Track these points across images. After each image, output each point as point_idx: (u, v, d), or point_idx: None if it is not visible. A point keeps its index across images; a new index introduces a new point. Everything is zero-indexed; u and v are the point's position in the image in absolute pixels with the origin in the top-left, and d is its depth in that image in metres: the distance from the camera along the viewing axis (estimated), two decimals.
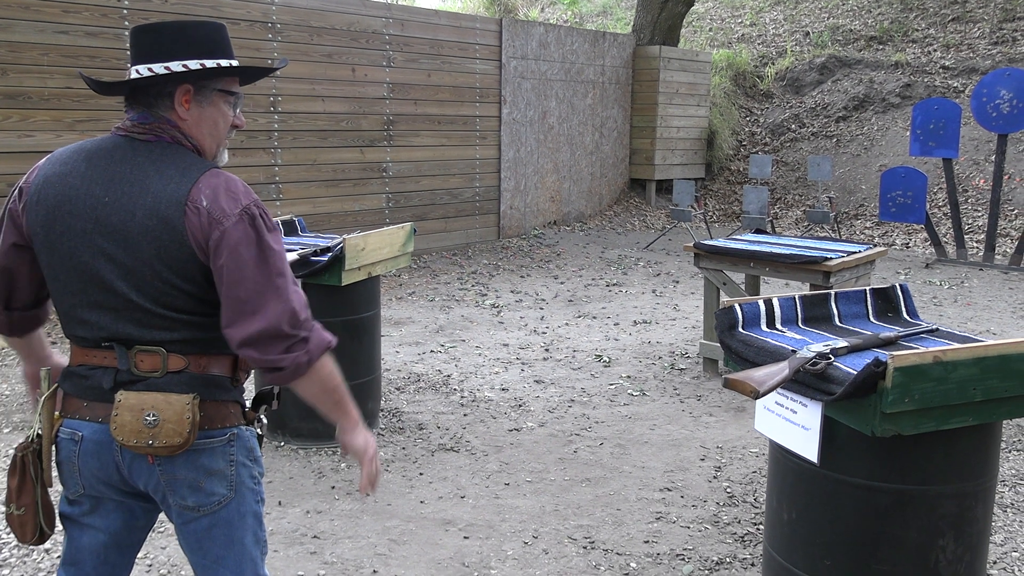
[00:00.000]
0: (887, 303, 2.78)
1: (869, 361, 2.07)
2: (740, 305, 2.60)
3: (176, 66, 1.73)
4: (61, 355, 1.93)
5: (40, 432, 1.80)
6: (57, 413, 1.80)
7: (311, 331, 1.71)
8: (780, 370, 2.20)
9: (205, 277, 1.72)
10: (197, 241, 1.68)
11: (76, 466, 1.77)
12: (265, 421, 1.94)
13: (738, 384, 2.18)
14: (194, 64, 1.74)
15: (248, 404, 1.89)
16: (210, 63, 1.76)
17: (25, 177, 1.81)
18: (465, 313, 7.03)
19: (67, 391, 1.80)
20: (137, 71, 1.75)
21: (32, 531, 1.84)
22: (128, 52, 1.80)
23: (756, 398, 2.18)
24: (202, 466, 1.75)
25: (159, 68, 1.73)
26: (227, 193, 1.70)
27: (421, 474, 3.91)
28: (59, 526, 1.90)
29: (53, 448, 1.82)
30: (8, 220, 1.80)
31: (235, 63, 1.81)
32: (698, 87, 12.75)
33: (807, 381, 2.23)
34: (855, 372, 2.11)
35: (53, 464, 1.83)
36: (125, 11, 6.88)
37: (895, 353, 2.05)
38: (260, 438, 1.92)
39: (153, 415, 1.68)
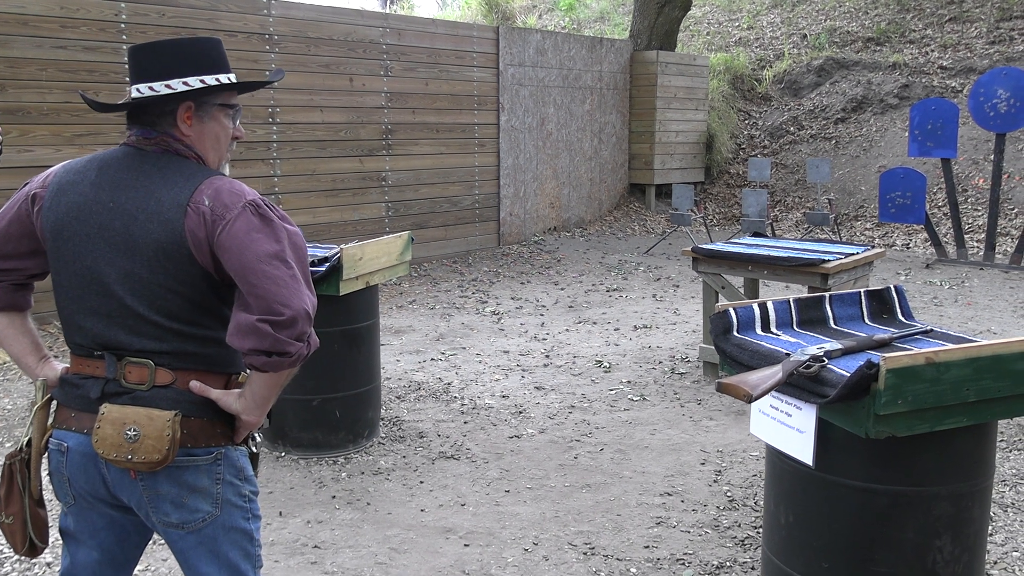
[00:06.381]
0: (882, 305, 2.78)
1: (862, 363, 2.08)
2: (734, 309, 2.61)
3: (177, 84, 1.75)
4: (59, 364, 1.93)
5: (30, 441, 1.82)
6: (49, 423, 1.82)
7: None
8: (774, 373, 2.20)
9: (204, 281, 1.73)
10: (196, 241, 1.69)
11: (65, 476, 1.79)
12: (259, 439, 1.95)
13: (732, 388, 2.19)
14: (194, 81, 1.76)
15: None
16: (210, 79, 1.78)
17: (39, 183, 1.82)
18: (465, 320, 7.03)
19: (60, 400, 1.82)
20: (138, 90, 1.77)
21: (22, 541, 1.86)
22: (127, 67, 1.82)
23: (750, 402, 2.19)
24: (185, 483, 1.75)
25: (160, 87, 1.75)
26: (229, 192, 1.72)
27: (422, 482, 3.92)
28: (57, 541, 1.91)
29: (44, 459, 1.83)
30: (18, 223, 1.81)
31: (233, 78, 1.83)
32: (696, 91, 12.77)
33: (801, 384, 2.23)
34: (848, 374, 2.12)
35: (44, 475, 1.84)
36: (123, 26, 6.91)
37: (887, 355, 2.05)
38: (255, 457, 1.91)
39: (134, 430, 1.68)
